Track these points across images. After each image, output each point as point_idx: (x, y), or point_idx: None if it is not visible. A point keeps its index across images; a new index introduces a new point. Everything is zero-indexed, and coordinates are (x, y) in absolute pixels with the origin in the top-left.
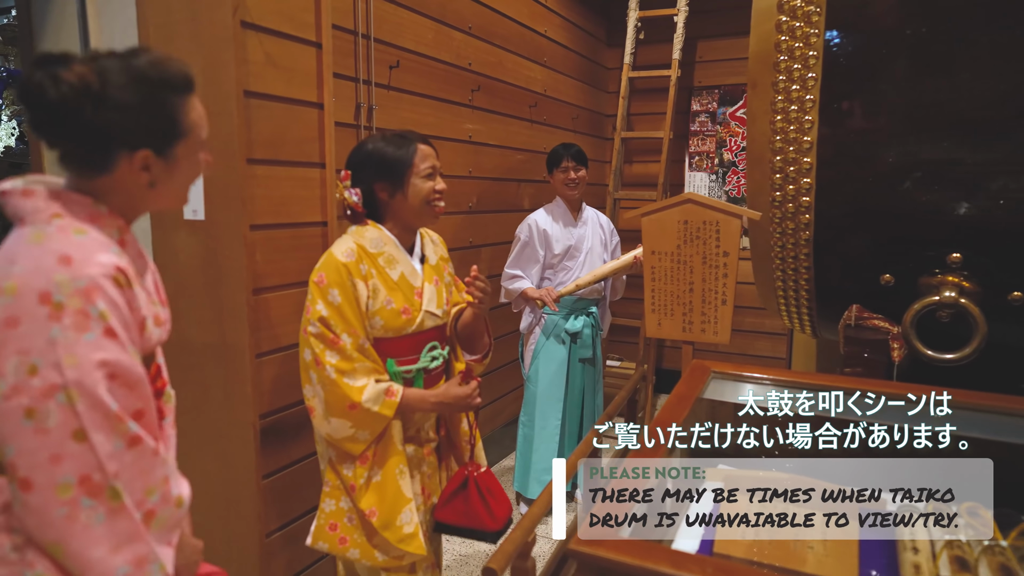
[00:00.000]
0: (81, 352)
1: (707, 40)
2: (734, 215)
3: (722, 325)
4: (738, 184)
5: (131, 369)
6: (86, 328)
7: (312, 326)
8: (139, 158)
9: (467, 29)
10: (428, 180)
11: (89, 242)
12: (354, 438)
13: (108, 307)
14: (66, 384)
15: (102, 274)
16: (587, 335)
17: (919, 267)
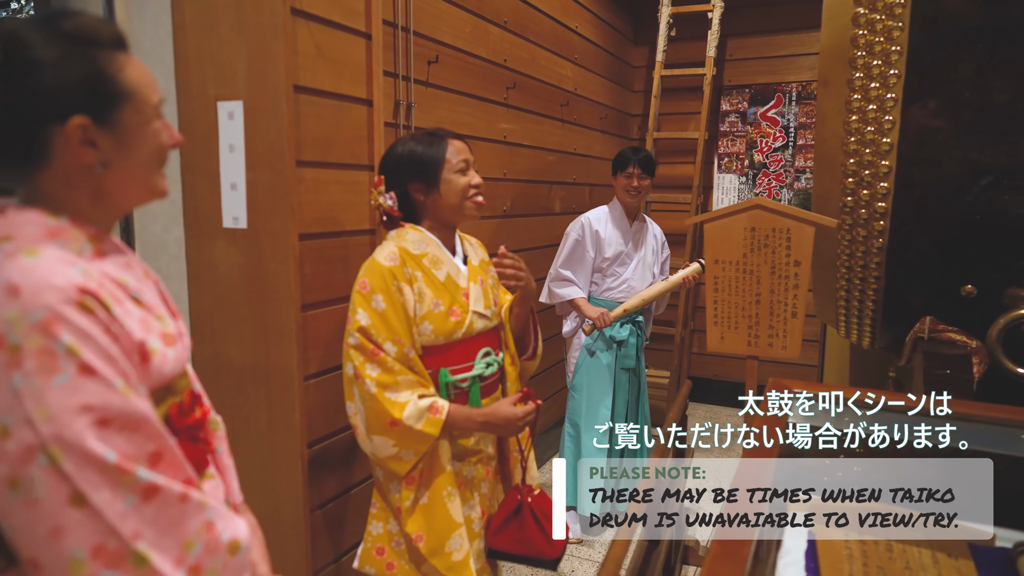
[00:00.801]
0: (53, 400)
1: (737, 38)
2: (807, 222)
3: (791, 339)
4: (769, 187)
5: (126, 408)
6: (54, 370)
7: (352, 337)
8: (74, 127)
9: (503, 24)
10: (462, 175)
11: (41, 264)
12: (398, 457)
13: (77, 339)
14: (43, 442)
15: (61, 301)
16: (632, 344)
17: (1007, 278)
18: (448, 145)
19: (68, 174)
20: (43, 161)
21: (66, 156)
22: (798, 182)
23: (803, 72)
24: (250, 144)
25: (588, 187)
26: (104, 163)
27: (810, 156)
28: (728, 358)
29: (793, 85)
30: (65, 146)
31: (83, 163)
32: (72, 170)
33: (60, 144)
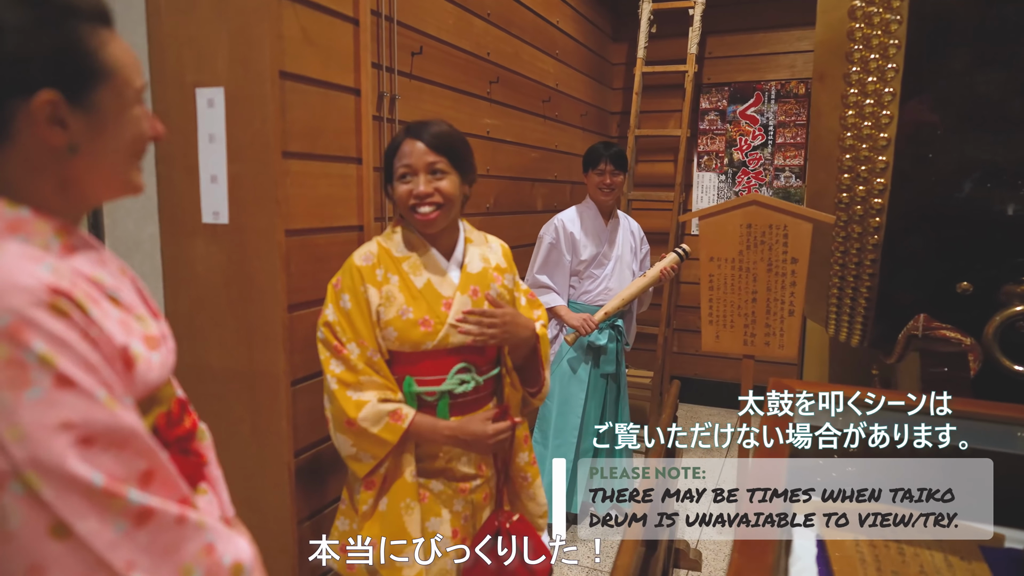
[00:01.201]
0: (27, 417)
1: (717, 35)
2: (804, 218)
3: (788, 338)
4: (748, 185)
5: (112, 423)
6: (25, 383)
7: (319, 331)
8: (41, 103)
9: (486, 16)
10: (402, 182)
11: (3, 262)
12: (357, 458)
13: (51, 346)
14: (17, 467)
15: (29, 303)
16: (612, 349)
17: (1003, 275)
18: (402, 144)
19: (31, 157)
20: (2, 140)
21: (30, 136)
22: (777, 180)
23: (782, 70)
24: (232, 134)
25: (569, 184)
26: (73, 147)
27: (789, 155)
28: (708, 357)
29: (772, 83)
30: (29, 124)
31: (49, 144)
32: (36, 152)
33: (24, 121)
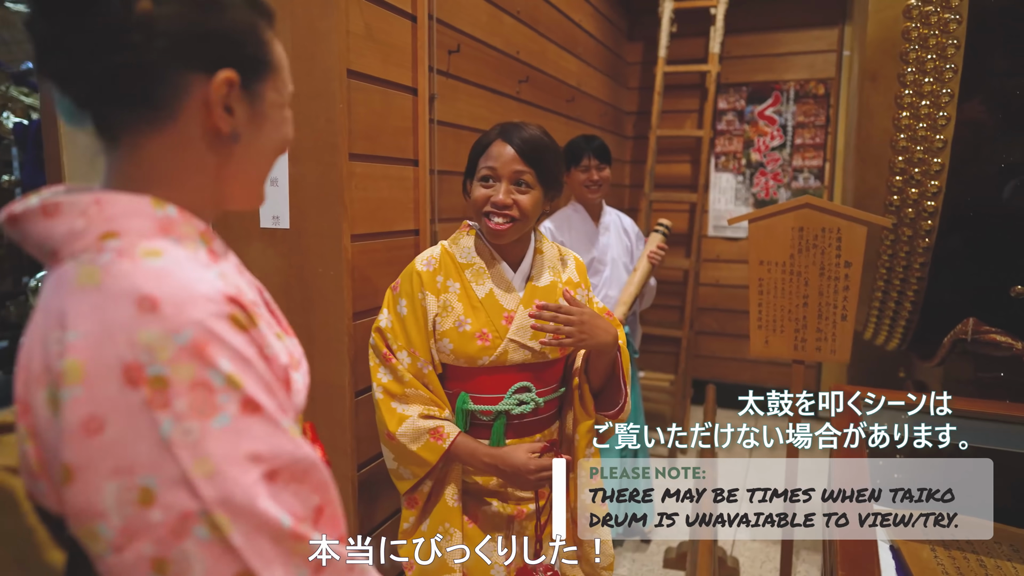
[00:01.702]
0: (216, 449)
1: (734, 35)
2: (859, 222)
3: (841, 343)
4: (766, 186)
5: (296, 454)
6: (212, 408)
7: (372, 336)
8: (222, 81)
9: (516, 14)
10: (482, 184)
11: (174, 267)
12: (398, 473)
13: (237, 365)
14: (206, 508)
15: (212, 314)
16: None
17: None
18: (490, 145)
19: (191, 144)
20: (164, 119)
21: (197, 118)
22: (796, 182)
23: (801, 71)
24: (295, 134)
25: None
26: (236, 135)
27: (808, 156)
28: (724, 360)
29: (791, 84)
30: (201, 104)
31: (215, 131)
32: (198, 139)
33: (196, 100)
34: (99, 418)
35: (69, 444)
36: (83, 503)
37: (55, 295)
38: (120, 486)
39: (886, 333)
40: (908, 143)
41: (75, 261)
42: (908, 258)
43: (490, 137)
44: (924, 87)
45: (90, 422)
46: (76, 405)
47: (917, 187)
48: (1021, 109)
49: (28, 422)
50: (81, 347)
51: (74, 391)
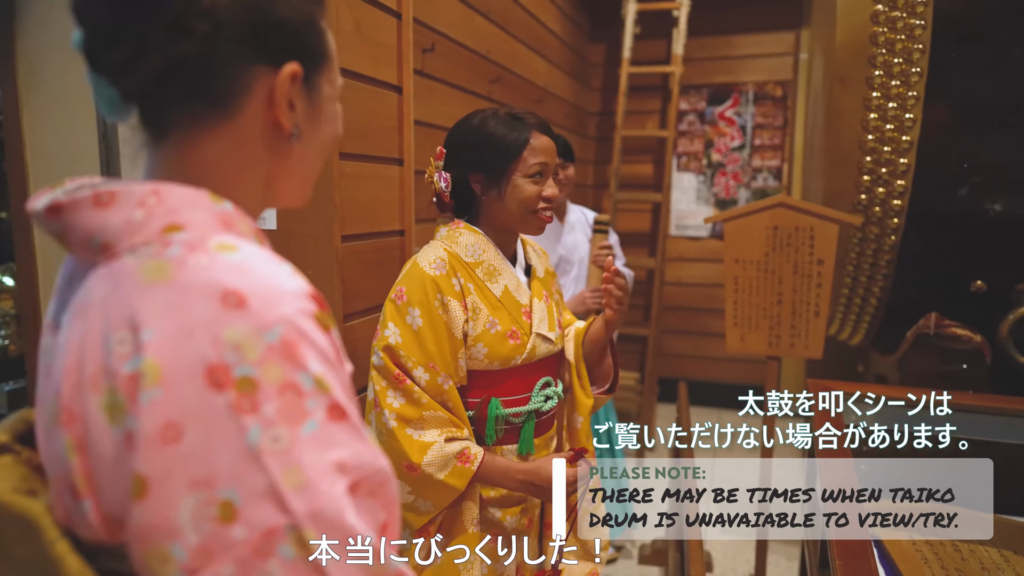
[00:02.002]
0: (308, 458)
1: (695, 38)
2: (831, 220)
3: (814, 339)
4: (726, 186)
5: (377, 464)
6: (302, 414)
7: (376, 356)
8: (287, 76)
9: (487, 13)
10: (533, 183)
11: (254, 261)
12: (413, 507)
13: (324, 367)
14: (295, 522)
15: (300, 311)
16: None
17: (1018, 274)
18: (531, 138)
19: (250, 142)
20: (224, 114)
21: (259, 115)
22: (755, 181)
23: (760, 73)
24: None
25: None
26: (297, 132)
27: (767, 156)
28: (688, 358)
29: (750, 86)
30: (265, 99)
31: (278, 127)
32: (258, 137)
33: (259, 96)
34: (179, 424)
35: (145, 453)
36: (157, 520)
37: (114, 292)
38: (199, 500)
39: (851, 328)
40: (876, 144)
41: (135, 255)
42: (875, 255)
43: (523, 131)
44: (891, 90)
45: (169, 428)
46: (154, 409)
47: (885, 187)
48: (981, 112)
49: (76, 432)
50: (158, 347)
51: (152, 394)
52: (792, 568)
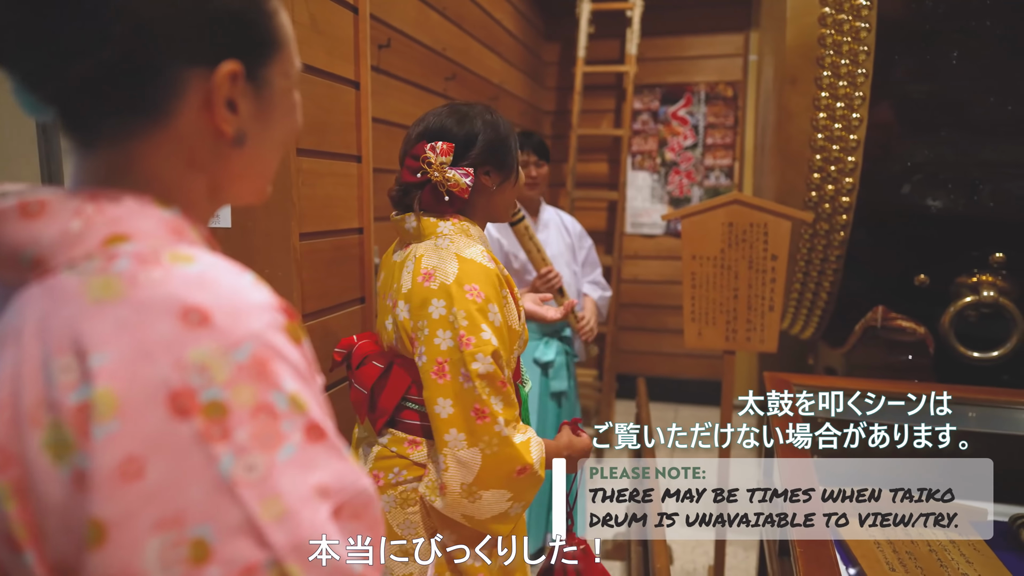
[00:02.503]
0: (287, 486)
1: (648, 38)
2: (784, 217)
3: (769, 333)
4: (680, 184)
5: (360, 485)
6: (277, 437)
7: (482, 363)
8: (224, 76)
9: (442, 10)
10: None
11: (215, 273)
12: (506, 516)
13: (299, 384)
14: (277, 557)
15: (269, 325)
16: (560, 364)
17: (958, 267)
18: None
19: (188, 148)
20: (155, 122)
21: (195, 119)
22: (708, 180)
23: (711, 74)
24: None
25: None
26: (240, 138)
27: (719, 155)
28: (645, 354)
29: (702, 86)
30: (200, 103)
31: (218, 132)
32: (195, 143)
33: (193, 99)
34: (140, 459)
35: (102, 494)
36: (119, 568)
37: (53, 314)
38: (166, 541)
39: (803, 322)
40: (825, 143)
41: (74, 271)
42: (825, 251)
43: (511, 130)
44: (839, 90)
45: (129, 464)
46: (111, 444)
47: (834, 184)
48: (922, 113)
49: (12, 476)
50: (112, 373)
51: (108, 427)
52: (750, 558)
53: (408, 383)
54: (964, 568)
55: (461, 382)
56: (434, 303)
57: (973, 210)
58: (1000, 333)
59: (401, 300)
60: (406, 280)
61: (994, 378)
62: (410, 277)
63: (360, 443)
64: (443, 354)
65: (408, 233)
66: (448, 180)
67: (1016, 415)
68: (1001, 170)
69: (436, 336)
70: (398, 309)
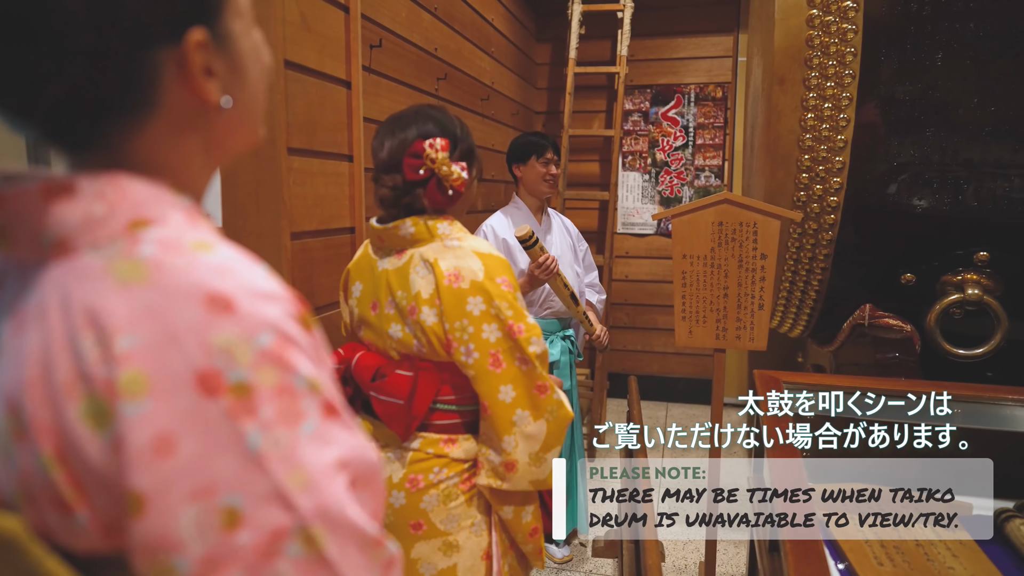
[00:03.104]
0: (309, 458)
1: (638, 39)
2: (773, 216)
3: (758, 331)
4: (671, 184)
5: (370, 457)
6: (298, 415)
7: (536, 346)
8: (194, 46)
9: (434, 10)
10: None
11: (233, 262)
12: (548, 467)
13: (315, 368)
14: (303, 522)
15: (285, 313)
16: (564, 363)
17: (944, 266)
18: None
19: (179, 123)
20: (143, 112)
21: (180, 96)
22: (698, 180)
23: (700, 75)
24: None
25: (503, 184)
26: (228, 96)
27: (709, 155)
28: (634, 352)
29: (692, 87)
30: (178, 80)
31: (204, 101)
32: (185, 116)
33: (173, 78)
34: (172, 435)
35: (138, 468)
36: (158, 535)
37: (77, 292)
38: (200, 509)
39: (791, 321)
40: (813, 143)
41: (99, 253)
42: (813, 250)
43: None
44: (826, 91)
45: (162, 441)
46: (143, 422)
47: (822, 184)
48: (908, 113)
49: (54, 444)
50: (142, 354)
51: (140, 406)
52: (741, 554)
53: (437, 386)
54: (950, 562)
55: (519, 366)
56: (471, 301)
57: (958, 209)
58: (984, 330)
59: (425, 306)
60: (423, 284)
61: (978, 375)
62: (430, 281)
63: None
64: (494, 345)
65: (403, 239)
66: (451, 175)
67: (1001, 411)
68: (985, 170)
69: (483, 331)
70: (422, 315)
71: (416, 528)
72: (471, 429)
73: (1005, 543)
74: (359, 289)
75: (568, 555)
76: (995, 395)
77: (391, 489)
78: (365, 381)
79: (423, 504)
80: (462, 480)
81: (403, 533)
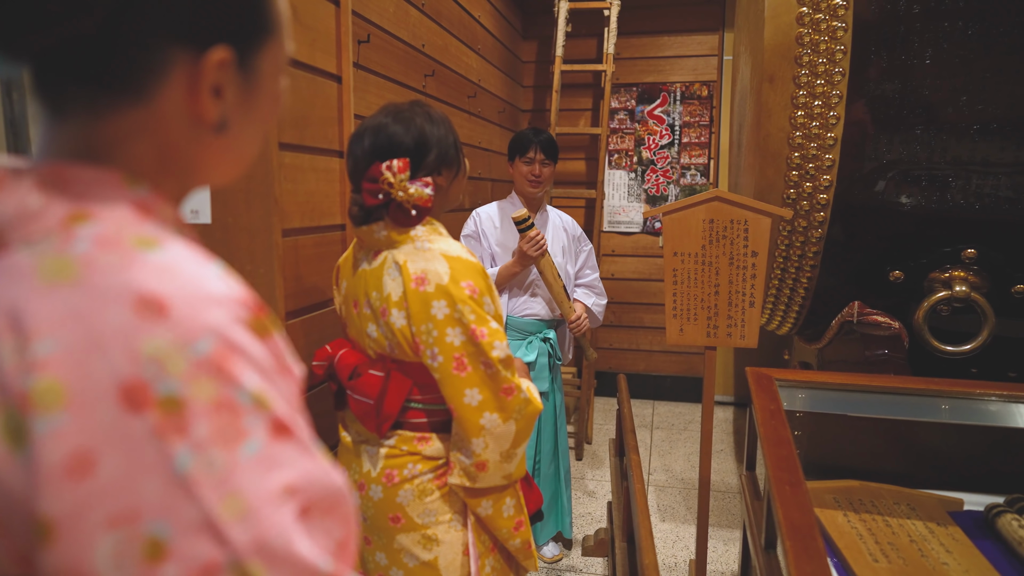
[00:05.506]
0: (247, 483)
1: (624, 37)
2: (764, 213)
3: (749, 329)
4: (657, 183)
5: (329, 482)
6: (239, 434)
7: (498, 350)
8: (214, 64)
9: (421, 6)
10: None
11: (178, 260)
12: (521, 463)
13: (263, 380)
14: (237, 557)
15: (232, 319)
16: (542, 365)
17: (932, 263)
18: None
19: (165, 132)
20: (133, 99)
21: (177, 101)
22: (684, 178)
23: (686, 73)
24: None
25: (490, 182)
26: (222, 126)
27: (694, 154)
28: (620, 351)
29: (677, 85)
30: (184, 85)
31: (198, 119)
32: (173, 127)
33: (179, 83)
34: (89, 454)
35: (48, 490)
36: (69, 567)
37: (2, 292)
38: (120, 539)
39: (780, 318)
40: (803, 140)
41: (30, 249)
42: (803, 247)
43: (448, 122)
44: (816, 88)
45: (77, 460)
46: (57, 439)
47: (811, 181)
48: (896, 111)
49: None
50: (60, 362)
51: (54, 421)
52: (731, 552)
53: (409, 386)
54: (944, 557)
55: (483, 370)
56: (435, 305)
57: (946, 207)
58: (971, 327)
59: (395, 308)
60: (393, 287)
61: (964, 371)
62: (399, 284)
63: (357, 443)
64: (458, 349)
65: (379, 241)
66: (412, 196)
67: (989, 407)
68: (972, 168)
69: (447, 335)
70: (392, 317)
71: (395, 521)
72: (442, 428)
73: (997, 538)
74: (344, 287)
75: (559, 554)
76: (984, 391)
77: (370, 483)
78: (343, 379)
79: (399, 499)
80: (436, 476)
81: (384, 525)
